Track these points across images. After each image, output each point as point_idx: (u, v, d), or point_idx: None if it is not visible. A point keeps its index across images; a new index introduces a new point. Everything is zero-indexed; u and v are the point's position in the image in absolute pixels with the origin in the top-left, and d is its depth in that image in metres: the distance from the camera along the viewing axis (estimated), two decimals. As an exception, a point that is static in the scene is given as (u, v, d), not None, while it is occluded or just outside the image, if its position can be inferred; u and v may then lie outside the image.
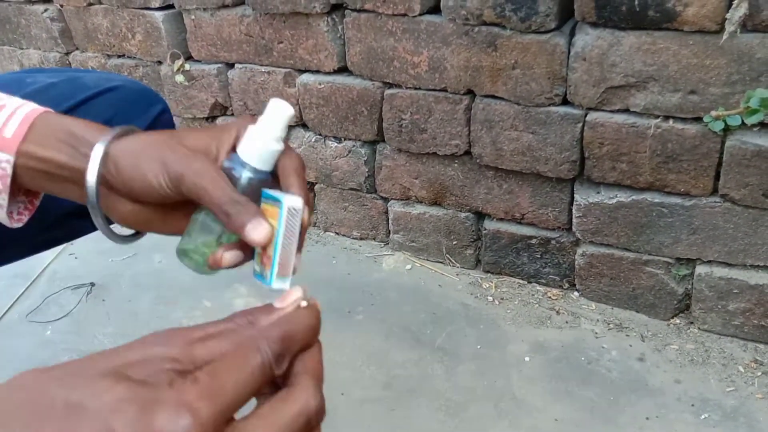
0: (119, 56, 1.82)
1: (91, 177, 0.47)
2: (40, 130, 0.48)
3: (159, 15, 1.65)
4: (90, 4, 1.77)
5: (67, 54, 1.93)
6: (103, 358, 0.31)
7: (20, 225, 0.55)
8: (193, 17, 1.60)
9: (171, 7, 1.65)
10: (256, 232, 0.44)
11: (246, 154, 0.48)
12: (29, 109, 0.49)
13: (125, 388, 0.28)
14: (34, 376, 0.30)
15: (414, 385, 1.22)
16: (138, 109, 0.72)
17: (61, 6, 1.84)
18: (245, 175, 0.48)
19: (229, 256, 0.48)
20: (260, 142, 0.48)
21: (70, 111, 0.65)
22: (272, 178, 0.49)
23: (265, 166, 0.48)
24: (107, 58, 1.85)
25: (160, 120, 0.74)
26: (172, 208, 0.49)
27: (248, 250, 0.48)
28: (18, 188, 0.52)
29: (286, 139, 0.49)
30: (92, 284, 1.58)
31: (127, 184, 0.47)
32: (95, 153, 0.47)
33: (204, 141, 0.48)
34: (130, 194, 0.47)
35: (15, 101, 0.50)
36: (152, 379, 0.30)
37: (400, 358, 1.29)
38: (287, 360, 0.34)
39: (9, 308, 1.52)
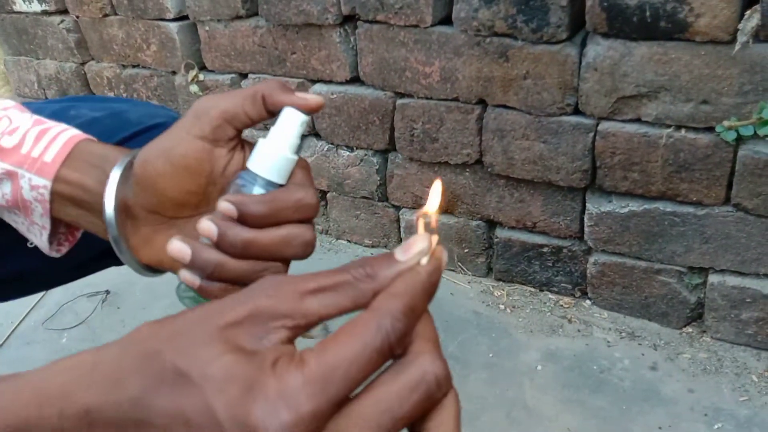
0: (134, 66, 1.85)
1: (109, 202, 0.46)
2: (77, 155, 0.48)
3: (173, 26, 1.67)
4: (105, 15, 1.79)
5: (83, 64, 1.96)
6: (213, 312, 0.29)
7: (58, 255, 0.54)
8: (207, 28, 1.62)
9: (185, 18, 1.67)
10: (305, 94, 0.46)
11: (258, 166, 0.44)
12: (71, 134, 0.49)
13: (232, 361, 0.27)
14: (150, 332, 0.30)
15: (426, 393, 1.23)
16: None
17: (77, 17, 1.87)
18: (257, 191, 0.44)
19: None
20: (273, 152, 0.44)
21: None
22: None
23: (280, 178, 0.44)
24: (122, 68, 1.88)
25: None
26: None
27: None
28: (58, 217, 0.51)
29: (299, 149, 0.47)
30: (107, 292, 1.60)
31: (154, 183, 0.46)
32: (112, 176, 0.46)
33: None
34: (157, 200, 0.46)
35: (59, 126, 0.50)
36: (260, 345, 0.28)
37: (412, 366, 1.29)
38: (409, 337, 0.30)
39: (25, 316, 1.54)
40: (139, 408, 0.28)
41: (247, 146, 0.48)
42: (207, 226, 0.42)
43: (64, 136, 0.49)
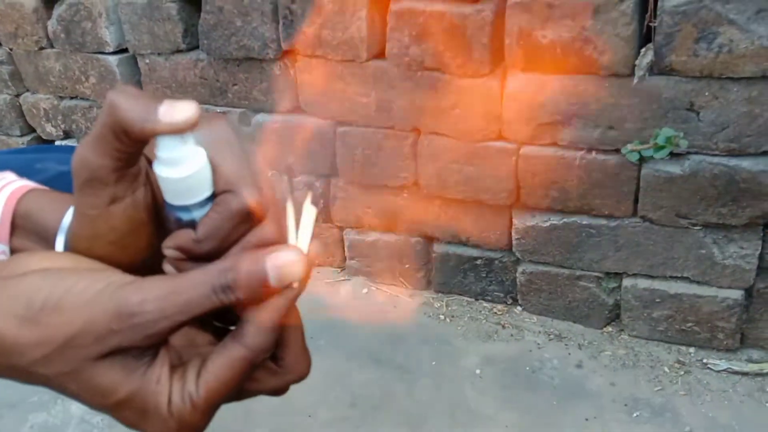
0: (72, 98, 1.86)
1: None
2: (22, 226, 0.45)
3: (113, 59, 1.70)
4: (41, 48, 1.80)
5: (18, 96, 1.95)
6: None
7: None
8: (147, 61, 1.66)
9: (125, 51, 1.70)
10: (171, 111, 0.34)
11: (176, 198, 0.36)
12: (9, 191, 0.45)
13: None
14: None
15: (377, 402, 1.32)
16: None
17: (11, 49, 1.87)
18: (197, 214, 0.36)
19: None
20: (177, 176, 0.35)
21: None
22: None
23: (205, 191, 0.36)
24: (60, 99, 1.89)
25: None
26: None
27: None
28: None
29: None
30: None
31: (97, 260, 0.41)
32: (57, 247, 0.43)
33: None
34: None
35: (5, 177, 0.47)
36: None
37: (362, 378, 1.38)
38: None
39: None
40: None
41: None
42: (169, 270, 0.39)
43: (4, 193, 0.45)
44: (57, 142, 1.99)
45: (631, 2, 1.13)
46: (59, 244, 0.41)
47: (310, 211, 0.36)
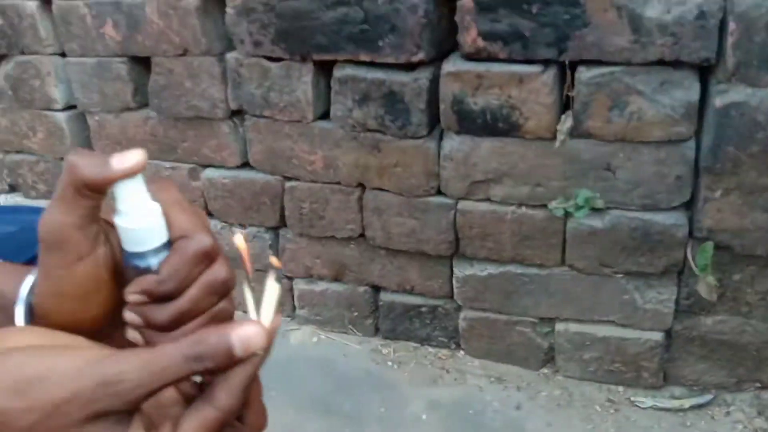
0: (18, 152, 1.87)
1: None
2: None
3: (62, 116, 1.73)
4: (-13, 104, 1.81)
5: (-38, 149, 1.95)
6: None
7: None
8: (97, 118, 1.70)
9: (74, 107, 1.73)
10: (123, 159, 0.39)
11: (134, 245, 0.41)
12: None
13: None
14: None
15: (326, 451, 1.36)
16: None
17: (-44, 104, 1.87)
18: (153, 262, 0.41)
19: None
20: (136, 224, 0.40)
21: (31, 262, 0.69)
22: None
23: (161, 238, 0.41)
24: (5, 153, 1.89)
25: None
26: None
27: None
28: None
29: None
30: None
31: (68, 322, 0.44)
32: (17, 319, 0.45)
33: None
34: (80, 329, 0.44)
35: None
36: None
37: (312, 428, 1.42)
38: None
39: None
40: None
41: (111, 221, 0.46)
42: (130, 317, 0.43)
43: None
44: (1, 197, 1.98)
45: (551, 74, 1.25)
46: (19, 314, 0.45)
47: (273, 287, 0.40)
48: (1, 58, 1.73)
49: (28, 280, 0.45)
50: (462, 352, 1.62)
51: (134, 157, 0.39)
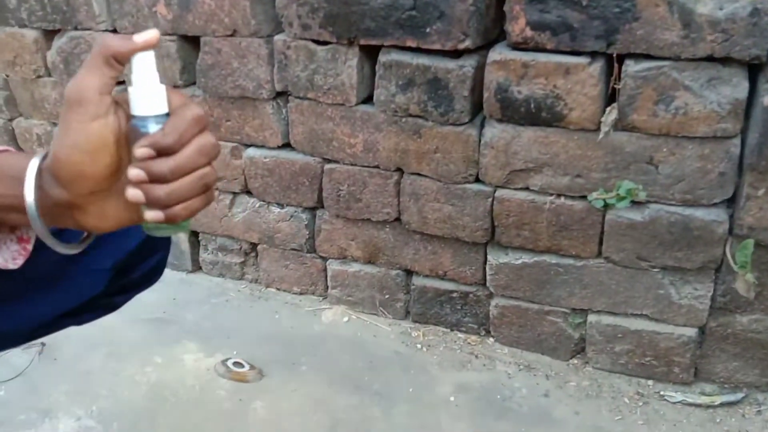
0: (66, 124, 1.92)
1: (29, 194, 0.53)
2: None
3: (110, 90, 1.77)
4: (39, 77, 1.87)
5: (11, 120, 2.01)
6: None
7: (15, 267, 0.62)
8: (144, 94, 1.74)
9: (122, 83, 1.77)
10: (142, 35, 0.51)
11: (142, 109, 0.52)
12: None
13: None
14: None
15: (356, 427, 1.39)
16: (144, 255, 0.82)
17: (7, 76, 1.93)
18: (154, 128, 0.51)
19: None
20: (147, 92, 0.52)
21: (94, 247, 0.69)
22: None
23: (163, 108, 0.52)
24: (53, 126, 1.95)
25: (161, 263, 0.85)
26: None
27: None
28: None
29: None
30: (43, 344, 1.65)
31: (80, 174, 0.52)
32: (29, 172, 0.53)
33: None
34: (90, 184, 0.53)
35: None
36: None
37: (342, 403, 1.45)
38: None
39: (-40, 372, 1.57)
40: None
41: (120, 101, 0.55)
42: (134, 173, 0.52)
43: None
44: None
45: (598, 66, 1.25)
46: (29, 182, 0.53)
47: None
48: (55, 32, 1.78)
49: (39, 154, 0.55)
50: (491, 339, 1.63)
51: (151, 32, 0.52)
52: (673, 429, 1.37)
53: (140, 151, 0.51)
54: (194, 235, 1.90)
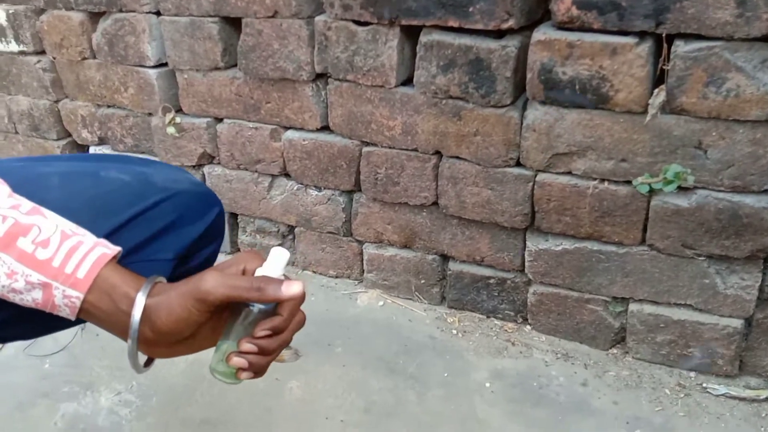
0: (109, 106, 1.96)
1: (134, 332, 0.64)
2: (100, 284, 0.64)
3: (153, 72, 1.80)
4: (84, 59, 1.90)
5: (57, 102, 2.06)
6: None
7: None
8: (185, 76, 1.76)
9: (164, 65, 1.80)
10: (292, 287, 0.65)
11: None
12: (98, 254, 0.64)
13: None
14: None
15: (390, 409, 1.39)
16: (199, 213, 0.86)
17: (54, 58, 1.97)
18: (257, 307, 0.66)
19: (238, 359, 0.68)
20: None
21: (143, 212, 0.79)
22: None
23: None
24: (97, 107, 1.99)
25: (216, 222, 0.89)
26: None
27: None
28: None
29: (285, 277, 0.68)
30: (85, 321, 1.69)
31: (166, 331, 0.64)
32: (136, 310, 0.64)
33: (214, 272, 0.66)
34: (169, 339, 0.66)
35: (90, 240, 0.65)
36: None
37: (376, 385, 1.45)
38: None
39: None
40: None
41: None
42: (248, 347, 0.67)
43: (91, 256, 0.64)
44: (91, 148, 2.09)
45: (646, 46, 1.22)
46: (137, 312, 0.65)
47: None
48: (100, 15, 1.81)
49: (145, 287, 0.66)
50: (529, 326, 1.61)
51: (298, 287, 0.67)
52: (716, 422, 1.33)
53: (261, 333, 0.66)
54: (233, 216, 1.92)
